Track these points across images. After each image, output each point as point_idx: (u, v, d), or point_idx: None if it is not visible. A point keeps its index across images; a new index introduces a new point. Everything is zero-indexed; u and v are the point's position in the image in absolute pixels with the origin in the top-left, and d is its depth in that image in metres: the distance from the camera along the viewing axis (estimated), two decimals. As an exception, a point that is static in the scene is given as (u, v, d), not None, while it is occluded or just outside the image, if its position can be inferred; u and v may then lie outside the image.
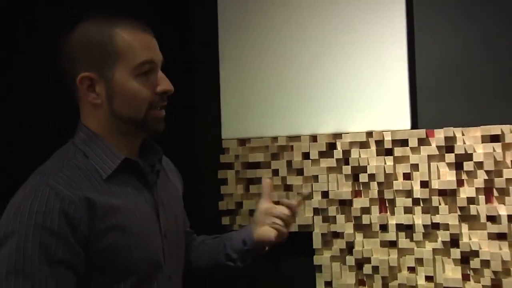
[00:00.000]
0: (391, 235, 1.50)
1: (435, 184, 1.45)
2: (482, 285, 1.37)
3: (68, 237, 0.89)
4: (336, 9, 1.59)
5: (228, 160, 1.70)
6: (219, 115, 1.73)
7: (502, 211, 1.37)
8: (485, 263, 1.37)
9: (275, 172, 1.62)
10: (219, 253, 1.18)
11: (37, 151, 1.22)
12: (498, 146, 1.38)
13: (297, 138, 1.62)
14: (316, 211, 1.58)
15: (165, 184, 1.13)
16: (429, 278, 1.45)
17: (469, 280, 1.41)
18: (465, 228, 1.42)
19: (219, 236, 1.25)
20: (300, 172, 1.61)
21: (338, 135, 1.57)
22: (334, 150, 1.57)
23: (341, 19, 1.57)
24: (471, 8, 1.48)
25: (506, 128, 1.37)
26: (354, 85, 1.56)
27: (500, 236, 1.37)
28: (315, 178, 1.58)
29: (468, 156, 1.42)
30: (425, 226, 1.46)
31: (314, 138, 1.60)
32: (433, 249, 1.45)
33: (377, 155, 1.53)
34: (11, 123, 1.28)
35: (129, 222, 0.98)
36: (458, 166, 1.44)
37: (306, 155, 1.60)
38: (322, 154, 1.58)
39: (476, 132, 1.42)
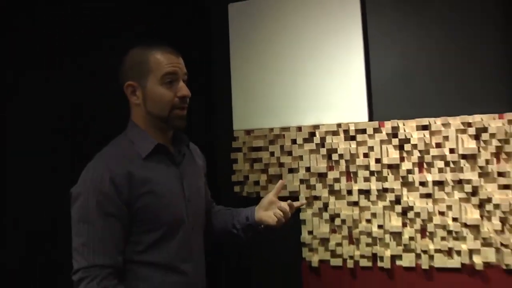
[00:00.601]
0: (354, 197, 1.88)
1: (385, 160, 1.84)
2: (415, 229, 1.80)
3: (115, 198, 1.13)
4: (309, 30, 1.97)
5: (238, 145, 2.05)
6: (231, 114, 2.08)
7: (429, 178, 1.79)
8: (417, 214, 1.79)
9: (272, 154, 2.00)
10: (228, 221, 1.43)
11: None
12: (427, 133, 1.79)
13: (287, 129, 1.98)
14: (302, 181, 1.95)
15: (190, 164, 1.35)
16: (380, 227, 1.85)
17: (406, 226, 1.81)
18: (404, 191, 1.82)
19: (231, 209, 1.48)
20: (290, 153, 1.97)
21: (317, 126, 1.94)
22: (314, 137, 1.94)
23: (312, 40, 1.97)
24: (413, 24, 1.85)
25: (432, 120, 1.79)
26: (327, 90, 1.94)
27: (428, 196, 1.79)
28: (301, 157, 1.95)
29: (407, 140, 1.81)
30: (378, 190, 1.85)
31: (299, 128, 1.96)
32: (383, 206, 1.84)
33: (344, 140, 1.90)
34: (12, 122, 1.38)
35: (159, 189, 1.20)
36: (400, 147, 1.83)
37: (294, 141, 1.96)
38: (305, 140, 1.95)
39: (413, 123, 1.81)
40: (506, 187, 1.74)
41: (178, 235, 1.24)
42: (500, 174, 1.75)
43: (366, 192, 1.89)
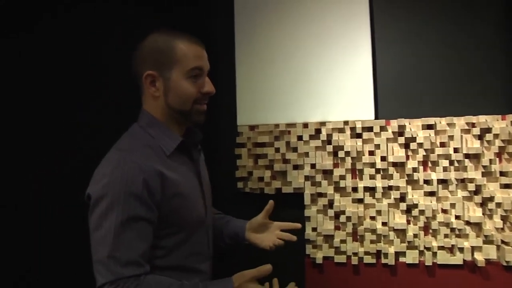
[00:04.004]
0: (359, 195, 1.88)
1: (391, 158, 1.86)
2: (418, 227, 1.83)
3: (148, 200, 1.05)
4: (317, 26, 1.97)
5: (242, 141, 2.02)
6: (235, 109, 2.05)
7: (434, 176, 1.82)
8: (422, 212, 1.82)
9: (277, 150, 1.97)
10: (217, 234, 1.41)
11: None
12: (432, 132, 1.83)
13: (293, 125, 1.97)
14: (307, 178, 1.94)
15: (201, 160, 1.32)
16: (384, 224, 1.87)
17: (410, 224, 1.85)
18: (409, 188, 1.85)
19: (219, 218, 1.46)
20: (295, 150, 1.95)
21: (323, 123, 1.93)
22: (320, 134, 1.92)
23: (320, 36, 1.97)
24: (421, 24, 1.89)
25: (437, 120, 1.83)
26: (334, 87, 1.94)
27: (432, 194, 1.83)
28: (306, 154, 1.94)
29: (413, 139, 1.84)
30: (383, 187, 1.86)
31: (305, 125, 1.95)
32: (388, 203, 1.86)
33: (351, 138, 1.90)
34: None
35: (185, 191, 1.15)
36: (406, 146, 1.85)
37: (300, 138, 1.95)
38: (311, 137, 1.94)
39: (418, 122, 1.84)
40: (507, 186, 1.80)
41: (199, 235, 1.21)
42: (502, 173, 1.80)
43: (371, 190, 1.91)
